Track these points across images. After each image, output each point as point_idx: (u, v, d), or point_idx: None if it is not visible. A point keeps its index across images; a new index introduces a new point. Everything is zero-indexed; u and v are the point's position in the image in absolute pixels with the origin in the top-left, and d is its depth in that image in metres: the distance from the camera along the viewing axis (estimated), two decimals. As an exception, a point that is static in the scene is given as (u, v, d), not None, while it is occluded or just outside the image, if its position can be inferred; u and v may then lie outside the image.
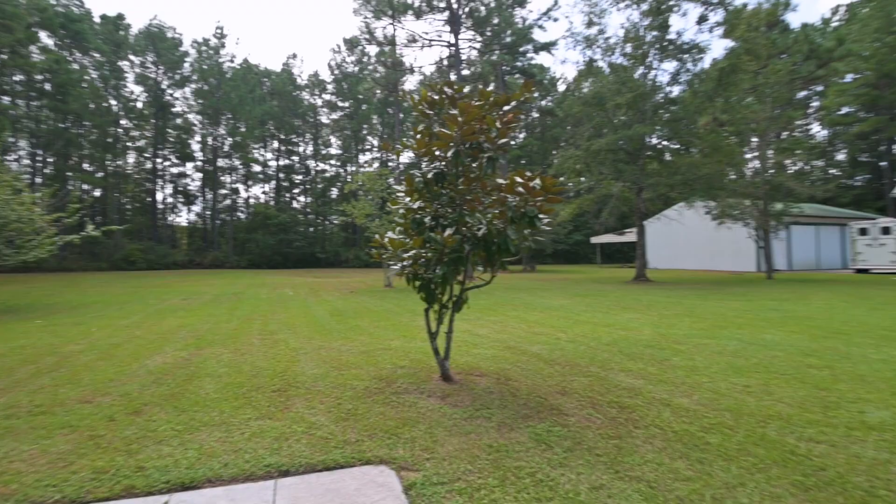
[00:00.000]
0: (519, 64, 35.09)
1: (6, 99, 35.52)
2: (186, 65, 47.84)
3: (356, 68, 52.23)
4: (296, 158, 56.09)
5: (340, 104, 55.05)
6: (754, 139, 23.28)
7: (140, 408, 3.88)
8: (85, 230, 12.04)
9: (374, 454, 3.03)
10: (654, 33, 20.33)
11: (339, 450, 3.09)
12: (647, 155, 21.83)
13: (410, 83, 36.98)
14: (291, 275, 29.02)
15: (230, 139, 49.43)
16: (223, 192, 51.37)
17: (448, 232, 4.24)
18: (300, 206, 56.15)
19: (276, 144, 55.03)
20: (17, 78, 36.70)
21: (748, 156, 24.10)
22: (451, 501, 2.46)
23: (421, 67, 38.04)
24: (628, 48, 21.34)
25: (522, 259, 35.49)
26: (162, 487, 2.60)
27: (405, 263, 4.45)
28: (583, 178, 26.03)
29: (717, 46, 38.78)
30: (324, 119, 56.78)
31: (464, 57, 33.44)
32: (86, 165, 42.63)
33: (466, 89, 4.81)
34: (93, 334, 7.41)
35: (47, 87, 38.11)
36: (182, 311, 10.36)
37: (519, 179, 3.82)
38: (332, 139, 57.66)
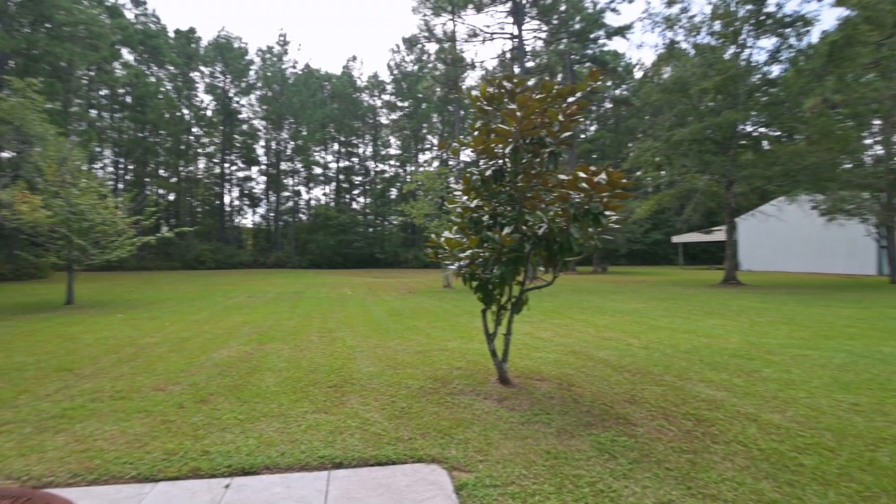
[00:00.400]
0: (589, 52, 34.06)
1: (93, 112, 40.32)
2: (252, 73, 51.58)
3: (415, 67, 53.45)
4: (355, 160, 58.41)
5: (400, 104, 56.57)
6: (876, 122, 20.82)
7: (207, 397, 4.27)
8: (160, 232, 13.41)
9: (427, 453, 3.11)
10: (749, 7, 18.84)
11: (392, 446, 3.21)
12: (740, 144, 20.31)
13: (471, 79, 37.25)
14: (350, 275, 30.25)
15: (292, 143, 52.54)
16: (286, 194, 54.69)
17: (506, 231, 4.25)
18: (359, 206, 58.37)
19: (336, 147, 57.66)
20: (103, 92, 41.59)
21: (868, 141, 21.61)
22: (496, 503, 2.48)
23: (482, 62, 38.15)
24: (717, 26, 19.98)
25: (592, 259, 34.36)
26: (224, 471, 2.86)
27: (462, 263, 4.52)
28: (662, 172, 24.74)
29: (828, 17, 34.99)
30: (383, 120, 58.66)
31: (528, 48, 33.06)
32: (161, 171, 47.33)
33: (531, 82, 4.79)
34: (166, 328, 8.24)
35: (128, 99, 42.82)
36: (246, 309, 11.20)
37: (582, 175, 3.74)
38: (392, 139, 59.40)
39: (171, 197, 48.08)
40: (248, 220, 56.99)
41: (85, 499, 2.47)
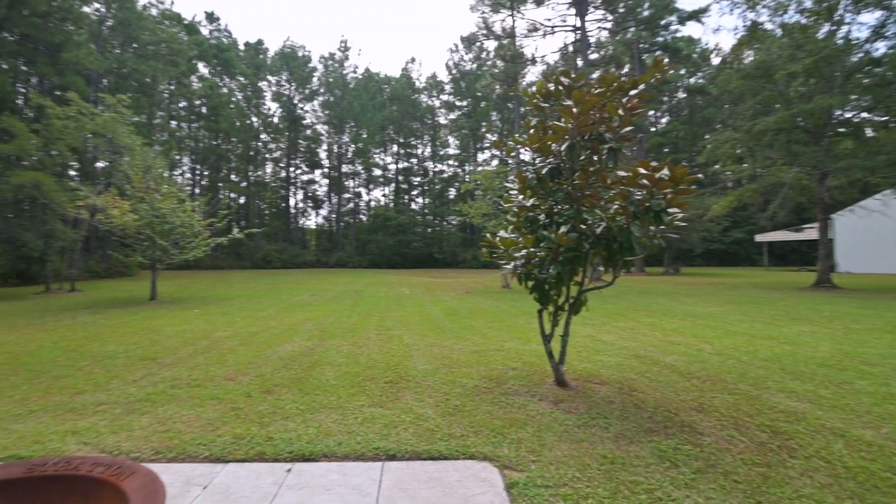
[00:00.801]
0: (660, 39, 32.49)
1: (173, 123, 44.16)
2: (315, 79, 54.20)
3: (474, 66, 53.67)
4: (414, 161, 59.57)
5: (458, 104, 57.01)
6: None
7: (272, 388, 4.59)
8: (231, 233, 14.47)
9: (479, 450, 3.17)
10: (848, -22, 17.14)
11: (444, 442, 3.29)
12: (837, 132, 18.51)
13: (532, 74, 36.77)
14: (409, 274, 30.90)
15: (353, 146, 54.57)
16: (347, 196, 56.92)
17: (562, 230, 4.21)
18: (418, 207, 59.45)
19: (395, 148, 59.15)
20: (181, 104, 45.43)
21: None
22: (544, 502, 2.48)
23: (543, 57, 37.50)
24: (807, 2, 18.33)
25: (663, 260, 32.74)
26: (286, 456, 3.08)
27: (518, 263, 4.52)
28: (744, 165, 23.12)
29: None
30: (441, 120, 59.38)
31: (592, 40, 32.13)
32: (233, 176, 50.93)
33: (596, 74, 4.71)
34: (236, 323, 8.90)
35: (203, 110, 46.48)
36: (309, 306, 11.81)
37: (643, 171, 3.62)
38: (450, 139, 59.99)
39: (242, 200, 51.60)
40: (312, 221, 59.93)
41: (165, 474, 2.76)
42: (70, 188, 15.86)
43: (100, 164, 18.88)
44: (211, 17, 48.02)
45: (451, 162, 59.97)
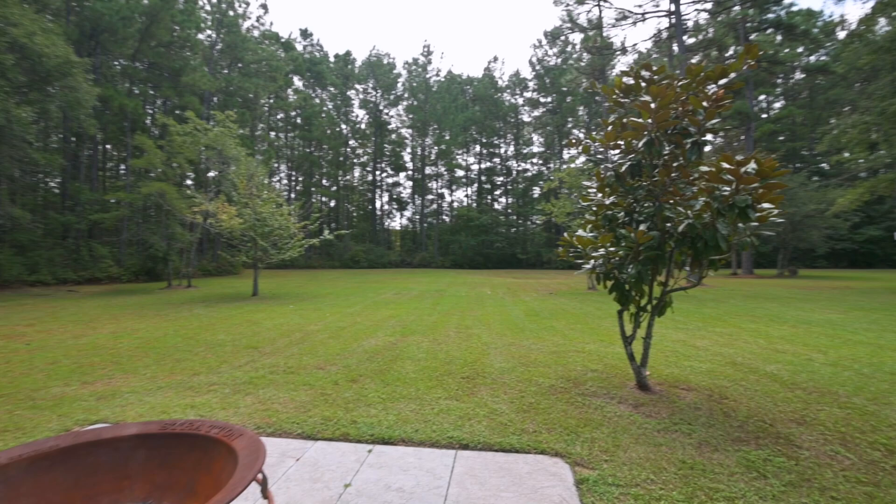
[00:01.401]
0: (771, 15, 29.43)
1: (272, 133, 48.33)
2: (399, 85, 56.36)
3: (559, 60, 52.49)
4: (497, 160, 59.58)
5: (542, 100, 56.10)
6: None
7: (356, 377, 4.98)
8: (323, 234, 15.61)
9: (551, 446, 3.23)
10: None
11: (517, 436, 3.40)
12: None
13: (622, 65, 35.23)
14: (491, 275, 31.01)
15: (436, 148, 55.91)
16: (430, 197, 58.43)
17: (641, 227, 4.11)
18: (501, 207, 59.37)
19: (477, 148, 59.59)
20: (279, 116, 49.54)
21: None
22: (613, 501, 2.49)
23: (635, 45, 35.46)
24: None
25: (777, 261, 29.68)
26: (368, 439, 3.38)
27: (597, 262, 4.49)
28: (880, 151, 20.34)
29: None
30: (525, 118, 58.78)
31: (689, 23, 30.01)
32: (324, 181, 54.49)
33: (694, 59, 4.54)
34: (326, 318, 9.63)
35: (298, 120, 50.29)
36: (393, 304, 12.40)
37: (726, 165, 3.44)
38: (534, 137, 59.19)
39: (332, 204, 55.05)
40: (397, 222, 62.30)
41: (266, 444, 3.17)
42: (187, 196, 18.12)
43: (211, 174, 21.32)
44: (305, 34, 51.89)
45: (534, 160, 59.11)
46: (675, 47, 27.36)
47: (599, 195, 4.78)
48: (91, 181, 26.54)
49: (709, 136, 3.91)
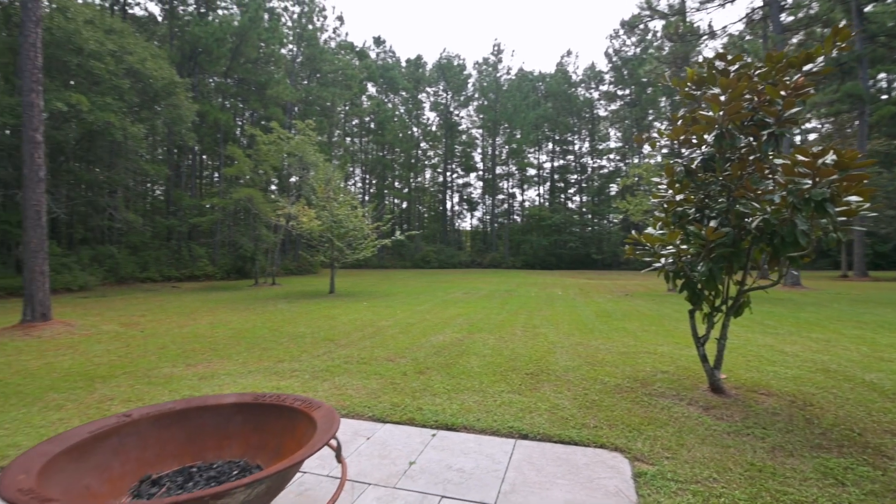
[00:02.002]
0: (893, -20, 26.13)
1: (347, 139, 50.71)
2: (469, 85, 56.80)
3: (637, 50, 50.23)
4: (570, 157, 58.13)
5: (620, 93, 53.97)
6: None
7: (424, 370, 5.26)
8: (394, 235, 16.26)
9: (611, 441, 3.28)
10: None
11: (576, 430, 3.47)
12: None
13: (709, 50, 33.04)
14: (563, 276, 30.41)
15: (507, 147, 55.70)
16: (500, 197, 58.28)
17: (712, 224, 4.00)
18: (575, 206, 57.86)
19: (550, 146, 58.56)
20: (354, 122, 51.86)
21: None
22: (681, 497, 2.51)
23: (724, 28, 32.92)
24: None
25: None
26: (432, 424, 3.61)
27: (666, 261, 4.41)
28: None
29: None
30: (601, 112, 56.86)
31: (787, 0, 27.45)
32: (396, 184, 56.19)
33: (795, 39, 4.33)
34: (397, 315, 10.08)
35: (371, 125, 52.32)
36: (461, 303, 12.66)
37: (801, 157, 3.28)
38: (611, 132, 57.07)
39: (404, 205, 56.64)
40: (467, 223, 62.80)
41: (341, 423, 3.51)
42: (272, 200, 19.63)
43: (292, 179, 22.92)
44: (378, 41, 53.93)
45: (611, 156, 56.95)
46: (770, 28, 25.18)
47: (670, 191, 4.68)
48: (190, 188, 29.52)
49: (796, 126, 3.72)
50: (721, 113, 3.71)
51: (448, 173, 58.13)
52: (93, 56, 15.85)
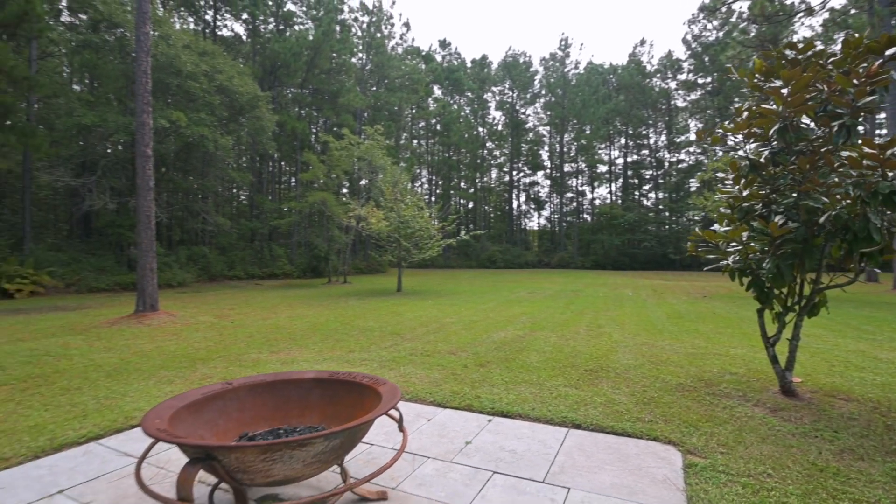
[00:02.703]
0: None
1: (414, 142, 51.98)
2: (536, 82, 56.16)
3: (720, 34, 47.14)
4: (645, 152, 55.65)
5: (700, 81, 50.92)
6: None
7: (484, 363, 5.50)
8: (459, 235, 16.62)
9: (664, 435, 3.34)
10: None
11: (630, 423, 3.56)
12: None
13: (806, 30, 30.36)
14: (636, 276, 29.29)
15: (575, 144, 54.44)
16: (569, 195, 57.02)
17: (777, 219, 3.90)
18: (651, 203, 55.31)
19: (622, 141, 56.46)
20: (420, 124, 53.04)
21: None
22: (729, 489, 2.57)
23: (823, 3, 29.89)
24: None
25: None
26: (489, 411, 3.85)
27: (733, 258, 4.34)
28: None
29: None
30: (679, 103, 53.92)
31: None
32: (462, 184, 56.73)
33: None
34: (461, 312, 10.39)
35: (437, 127, 53.23)
36: (526, 302, 12.74)
37: (868, 149, 3.14)
38: (690, 123, 53.97)
39: (470, 205, 57.10)
40: (534, 222, 62.06)
41: (403, 408, 3.85)
42: (343, 203, 20.72)
43: (362, 182, 24.03)
44: (443, 44, 54.81)
45: (691, 149, 53.83)
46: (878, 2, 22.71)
47: (736, 187, 4.58)
48: (271, 193, 31.80)
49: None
50: (782, 107, 3.62)
51: (514, 172, 57.79)
52: (189, 77, 17.69)
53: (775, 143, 4.12)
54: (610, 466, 2.87)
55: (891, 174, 3.08)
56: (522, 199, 60.40)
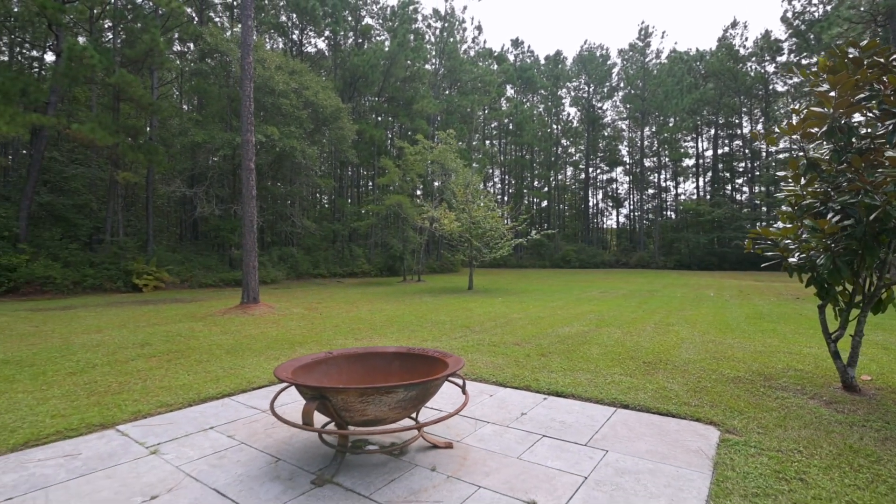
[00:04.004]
0: None
1: (486, 142, 52.46)
2: (614, 75, 54.52)
3: (828, 7, 42.99)
4: (737, 143, 52.05)
5: (805, 62, 46.72)
6: None
7: (545, 353, 5.96)
8: (530, 235, 16.94)
9: (707, 417, 3.65)
10: None
11: (676, 406, 3.89)
12: None
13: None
14: (724, 277, 27.73)
15: (658, 137, 52.12)
16: (650, 192, 54.66)
17: (830, 217, 4.03)
18: (744, 198, 51.55)
19: (711, 131, 53.18)
20: (493, 124, 53.43)
21: None
22: (755, 459, 2.89)
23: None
24: None
25: None
26: (545, 391, 4.34)
27: (791, 255, 4.49)
28: None
29: None
30: (779, 87, 49.76)
31: None
32: (535, 183, 56.38)
33: None
34: (529, 309, 10.81)
35: (510, 126, 53.35)
36: (596, 301, 12.85)
37: None
38: (795, 105, 49.66)
39: (544, 204, 56.59)
40: (612, 220, 60.19)
41: (469, 385, 4.45)
42: (418, 205, 21.79)
43: (436, 184, 25.02)
44: (516, 43, 54.92)
45: (795, 136, 49.42)
46: None
47: (797, 186, 4.69)
48: (350, 197, 33.85)
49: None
50: (830, 109, 3.77)
51: (590, 169, 56.45)
52: (281, 95, 19.65)
53: (825, 143, 4.23)
54: (648, 438, 3.28)
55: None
56: (599, 196, 58.87)
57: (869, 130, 3.86)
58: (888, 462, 2.85)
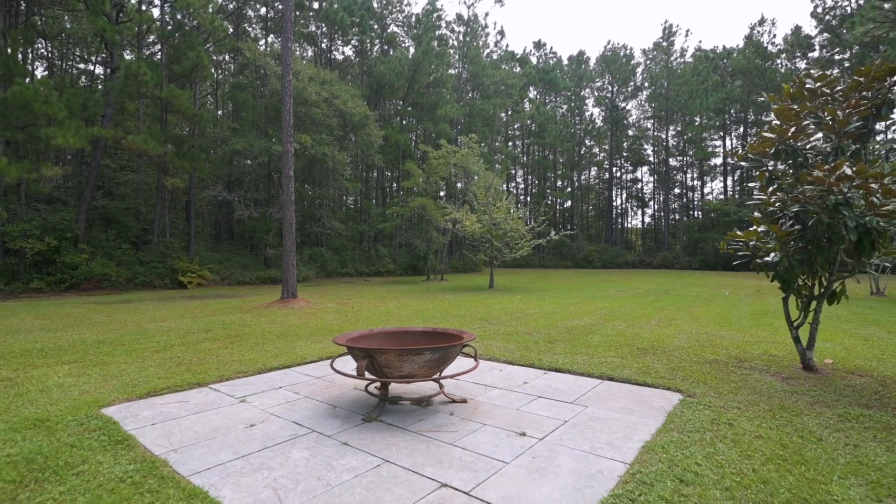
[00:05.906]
0: None
1: (509, 144, 53.13)
2: (637, 75, 54.47)
3: (860, 1, 42.22)
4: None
5: (837, 57, 45.95)
6: None
7: (552, 340, 6.84)
8: (549, 235, 17.73)
9: (676, 386, 4.49)
10: None
11: (653, 379, 4.74)
12: None
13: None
14: (747, 277, 27.83)
15: (683, 136, 51.91)
16: (676, 192, 54.43)
17: (781, 222, 4.82)
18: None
19: (740, 130, 52.70)
20: (515, 126, 54.05)
21: None
22: (698, 412, 3.74)
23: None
24: None
25: None
26: (546, 367, 5.25)
27: (757, 255, 5.29)
28: None
29: None
30: (809, 84, 48.98)
31: None
32: (559, 183, 56.75)
33: None
34: (544, 305, 11.66)
35: (532, 127, 53.88)
36: (610, 299, 13.59)
37: (818, 172, 4.08)
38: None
39: (567, 204, 56.92)
40: (637, 220, 60.05)
41: (482, 362, 5.39)
42: (441, 207, 22.80)
43: (458, 185, 26.00)
44: (538, 45, 55.43)
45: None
46: None
47: (763, 195, 5.48)
48: (376, 199, 35.11)
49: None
50: (775, 135, 4.58)
51: (614, 169, 56.52)
52: (314, 104, 20.98)
53: (771, 163, 5.02)
54: (623, 399, 4.16)
55: (842, 190, 3.99)
56: (623, 196, 58.81)
57: (814, 152, 4.64)
58: (806, 416, 3.66)
